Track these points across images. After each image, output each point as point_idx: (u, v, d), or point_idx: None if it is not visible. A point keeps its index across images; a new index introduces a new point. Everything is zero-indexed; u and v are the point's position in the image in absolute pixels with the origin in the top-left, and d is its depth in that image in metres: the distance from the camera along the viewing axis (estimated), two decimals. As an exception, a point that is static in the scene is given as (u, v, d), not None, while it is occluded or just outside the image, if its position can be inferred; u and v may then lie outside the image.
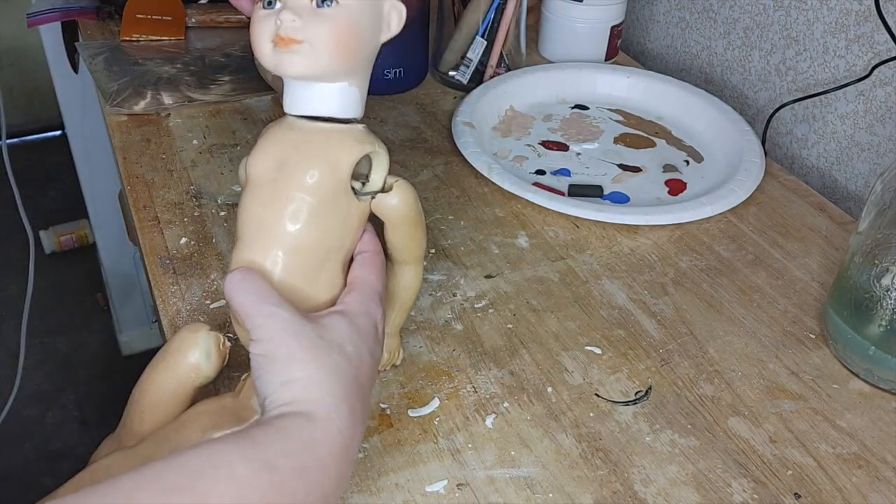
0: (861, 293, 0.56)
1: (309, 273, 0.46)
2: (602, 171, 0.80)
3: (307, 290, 0.46)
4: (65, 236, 2.04)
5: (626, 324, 0.62)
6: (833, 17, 0.79)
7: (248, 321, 0.42)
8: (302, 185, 0.45)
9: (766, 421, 0.55)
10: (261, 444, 0.38)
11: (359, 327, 0.45)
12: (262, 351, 0.42)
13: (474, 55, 0.89)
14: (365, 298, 0.47)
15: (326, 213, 0.46)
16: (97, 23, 1.01)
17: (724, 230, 0.72)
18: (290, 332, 0.42)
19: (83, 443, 1.64)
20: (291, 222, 0.45)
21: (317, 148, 0.46)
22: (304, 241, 0.46)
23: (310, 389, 0.40)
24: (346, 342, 0.43)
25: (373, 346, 0.45)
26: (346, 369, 0.42)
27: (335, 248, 0.47)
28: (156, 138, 0.81)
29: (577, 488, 0.50)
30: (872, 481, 0.51)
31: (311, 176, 0.45)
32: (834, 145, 0.82)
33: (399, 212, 0.49)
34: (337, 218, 0.46)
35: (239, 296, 0.43)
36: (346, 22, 0.45)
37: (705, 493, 0.50)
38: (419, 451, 0.52)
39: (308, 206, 0.45)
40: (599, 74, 0.91)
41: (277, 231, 0.45)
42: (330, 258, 0.47)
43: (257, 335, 0.42)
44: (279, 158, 0.46)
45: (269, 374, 0.41)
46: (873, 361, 0.57)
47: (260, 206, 0.46)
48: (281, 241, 0.45)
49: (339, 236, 0.47)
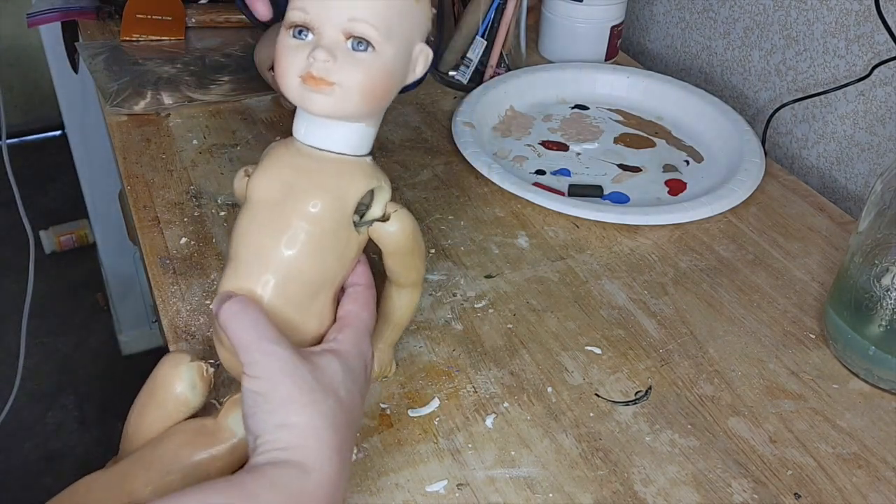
0: (861, 293, 0.56)
1: (301, 303, 0.46)
2: (602, 171, 0.80)
3: (297, 319, 0.46)
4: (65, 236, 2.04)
5: (626, 324, 0.62)
6: (833, 17, 0.79)
7: (245, 356, 0.42)
8: (304, 214, 0.45)
9: (766, 421, 0.55)
10: (252, 494, 0.37)
11: (351, 369, 0.44)
12: (258, 388, 0.41)
13: (474, 55, 0.89)
14: (357, 338, 0.46)
15: (326, 244, 0.45)
16: (97, 23, 1.01)
17: (724, 230, 0.72)
18: (288, 373, 0.41)
19: (83, 443, 1.65)
20: (289, 250, 0.45)
21: (324, 178, 0.45)
22: (300, 270, 0.45)
23: (306, 437, 0.40)
24: (340, 386, 0.43)
25: (363, 387, 0.45)
26: (340, 416, 0.42)
27: (329, 280, 0.46)
28: (156, 138, 0.81)
29: (577, 488, 0.50)
30: (872, 481, 0.51)
31: (315, 206, 0.45)
32: (834, 145, 0.82)
33: (396, 240, 0.48)
34: (335, 250, 0.46)
35: (237, 330, 0.42)
36: (380, 70, 0.44)
37: (705, 493, 0.50)
38: (419, 451, 0.52)
39: (308, 236, 0.45)
40: (599, 74, 0.91)
41: (274, 258, 0.45)
42: (323, 290, 0.46)
43: (254, 372, 0.41)
44: (284, 183, 0.45)
45: (265, 413, 0.41)
46: (873, 361, 0.57)
47: (259, 230, 0.45)
48: (276, 268, 0.45)
49: (335, 269, 0.46)
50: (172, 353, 0.50)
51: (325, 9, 0.43)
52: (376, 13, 0.43)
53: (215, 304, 0.44)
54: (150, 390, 0.49)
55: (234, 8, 0.98)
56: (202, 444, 0.47)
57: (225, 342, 0.45)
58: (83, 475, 0.48)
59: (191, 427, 0.48)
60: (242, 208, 0.47)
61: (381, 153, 0.80)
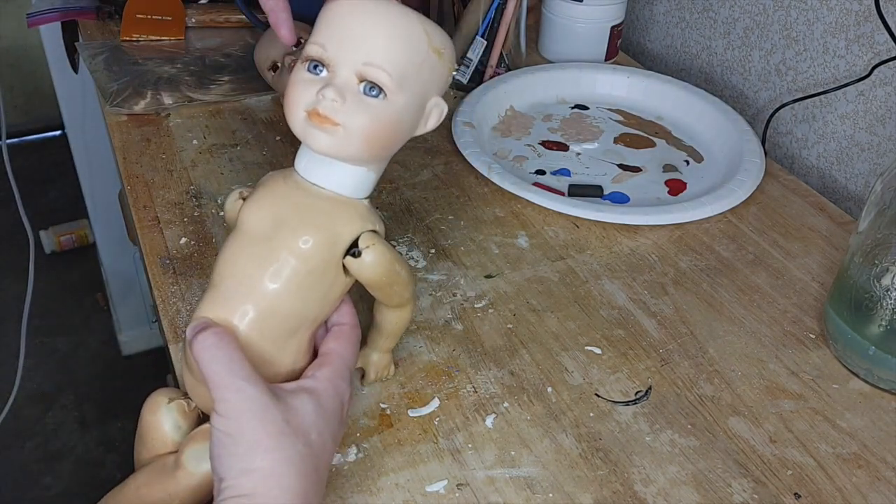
0: (861, 293, 0.56)
1: (278, 338, 0.45)
2: (602, 171, 0.80)
3: (272, 353, 0.45)
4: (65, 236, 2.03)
5: (626, 324, 0.62)
6: (833, 17, 0.79)
7: (216, 393, 0.41)
8: (294, 250, 0.44)
9: (766, 421, 0.55)
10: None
11: (325, 410, 0.44)
12: (225, 429, 0.41)
13: (474, 55, 0.89)
14: (335, 376, 0.46)
15: (311, 282, 0.45)
16: (97, 23, 1.01)
17: (724, 230, 0.72)
18: (258, 415, 0.41)
19: (83, 443, 1.65)
20: (273, 283, 0.44)
21: (319, 216, 0.45)
22: (282, 305, 0.45)
23: (269, 484, 0.40)
24: (312, 429, 0.42)
25: (336, 430, 0.45)
26: (308, 461, 0.41)
27: (310, 318, 0.46)
28: (156, 138, 0.81)
29: (577, 488, 0.50)
30: (872, 481, 0.51)
31: (306, 242, 0.44)
32: (834, 145, 0.82)
33: (369, 275, 0.47)
34: (320, 289, 0.46)
35: (210, 364, 0.41)
36: (388, 118, 0.44)
37: (705, 493, 0.50)
38: (419, 451, 0.52)
39: (293, 272, 0.44)
40: (599, 74, 0.91)
41: (257, 289, 0.44)
42: (303, 327, 0.46)
43: (223, 410, 0.41)
44: (277, 216, 0.45)
45: (231, 456, 0.40)
46: (873, 361, 0.57)
47: (245, 260, 0.45)
48: (257, 300, 0.44)
49: (317, 308, 0.46)
50: (151, 397, 0.49)
51: (343, 49, 0.43)
52: (393, 61, 0.43)
53: (190, 331, 0.43)
54: (140, 437, 0.49)
55: (234, 8, 0.98)
56: (161, 483, 0.46)
57: (195, 371, 0.44)
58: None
59: (154, 466, 0.47)
60: (232, 234, 0.46)
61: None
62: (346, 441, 0.52)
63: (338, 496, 0.49)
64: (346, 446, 0.52)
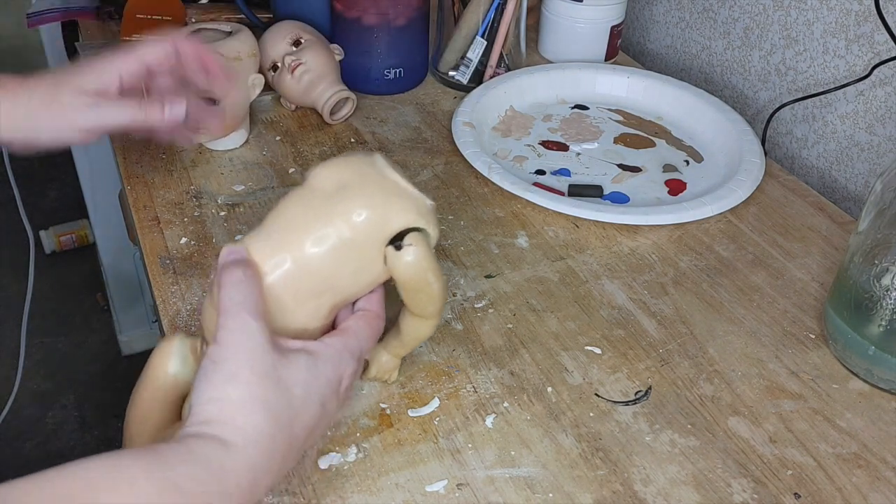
0: (861, 293, 0.56)
1: (301, 295, 0.46)
2: (602, 171, 0.80)
3: (290, 308, 0.46)
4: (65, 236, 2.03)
5: (626, 324, 0.62)
6: (833, 17, 0.79)
7: (222, 319, 0.42)
8: (346, 218, 0.45)
9: (765, 421, 0.55)
10: (167, 463, 0.36)
11: (319, 373, 0.43)
12: (215, 356, 0.41)
13: (474, 55, 0.89)
14: (343, 349, 0.45)
15: (351, 254, 0.46)
16: (97, 23, 1.01)
17: (724, 230, 0.72)
18: (249, 351, 0.41)
19: (83, 443, 1.64)
20: (315, 244, 0.45)
21: (380, 195, 0.46)
22: (316, 266, 0.45)
23: (235, 414, 0.39)
24: (298, 384, 0.42)
25: (327, 397, 0.44)
26: (283, 411, 0.41)
27: (338, 288, 0.47)
28: (156, 138, 0.81)
29: (577, 488, 0.50)
30: (872, 481, 0.51)
31: (359, 215, 0.45)
32: (834, 145, 0.82)
33: (403, 273, 0.48)
34: (356, 264, 0.46)
35: (228, 292, 0.42)
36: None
37: (705, 493, 0.50)
38: (419, 451, 0.52)
39: (338, 238, 0.45)
40: (599, 74, 0.91)
41: (299, 244, 0.45)
42: (327, 294, 0.46)
43: (220, 337, 0.41)
44: (343, 181, 0.46)
45: (208, 382, 0.40)
46: (873, 361, 0.57)
47: (299, 213, 0.46)
48: (295, 254, 0.45)
49: (348, 280, 0.47)
50: (166, 336, 0.50)
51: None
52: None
53: (225, 254, 0.44)
54: (145, 369, 0.49)
55: (234, 8, 0.99)
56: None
57: (215, 297, 0.45)
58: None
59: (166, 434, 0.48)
60: (298, 187, 0.48)
61: (381, 153, 0.80)
62: (345, 441, 0.52)
63: (338, 496, 0.49)
64: (346, 446, 0.52)
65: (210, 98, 0.72)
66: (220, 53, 0.72)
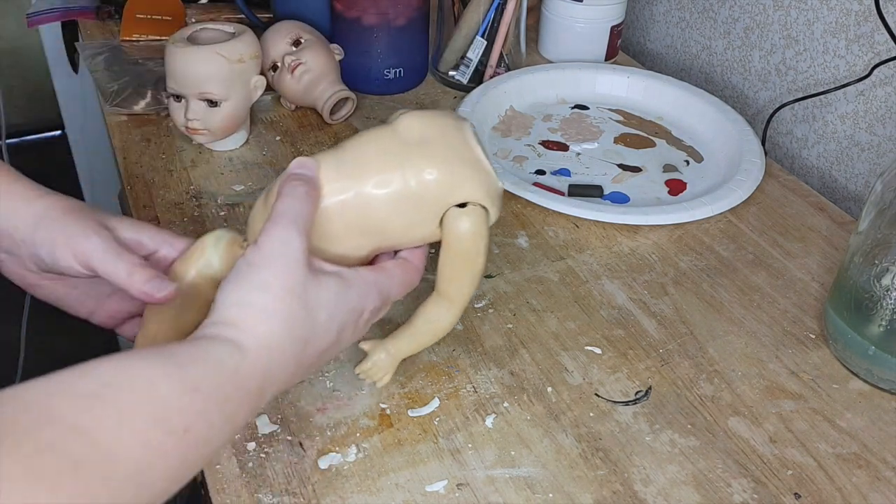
0: (861, 293, 0.56)
1: (350, 228, 0.47)
2: (602, 171, 0.80)
3: (336, 235, 0.47)
4: (65, 236, 2.03)
5: (626, 324, 0.62)
6: (833, 17, 0.79)
7: (267, 226, 0.43)
8: (417, 172, 0.46)
9: (766, 421, 0.55)
10: (182, 364, 0.36)
11: (345, 300, 0.44)
12: (250, 259, 0.42)
13: (474, 55, 0.89)
14: (374, 284, 0.46)
15: (410, 207, 0.47)
16: (97, 23, 1.01)
17: (724, 230, 0.72)
18: (284, 263, 0.41)
19: (83, 443, 1.64)
20: (381, 186, 0.46)
21: (456, 162, 0.47)
22: (375, 207, 0.46)
23: (254, 321, 0.40)
24: (322, 307, 0.43)
25: (346, 325, 0.45)
26: (302, 329, 0.41)
27: (386, 234, 0.47)
28: (156, 138, 0.81)
29: (577, 488, 0.50)
30: (872, 481, 0.51)
31: (430, 173, 0.46)
32: (834, 145, 0.82)
33: (456, 234, 0.48)
34: (411, 218, 0.47)
35: (283, 202, 0.44)
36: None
37: (705, 493, 0.50)
38: (419, 451, 0.52)
39: (403, 187, 0.46)
40: (599, 74, 0.91)
41: (366, 178, 0.46)
42: (375, 236, 0.47)
43: (261, 242, 0.42)
44: (425, 137, 0.47)
45: (237, 285, 0.41)
46: (873, 361, 0.57)
47: (377, 150, 0.47)
48: (359, 190, 0.46)
49: (398, 230, 0.48)
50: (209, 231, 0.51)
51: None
52: None
53: (296, 165, 0.45)
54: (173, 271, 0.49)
55: (234, 7, 0.98)
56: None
57: (269, 201, 0.45)
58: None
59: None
60: (383, 125, 0.48)
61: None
62: (345, 441, 0.52)
63: (338, 496, 0.49)
64: (346, 446, 0.52)
65: (209, 99, 0.72)
66: (222, 55, 0.72)
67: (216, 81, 0.72)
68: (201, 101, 0.73)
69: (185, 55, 0.72)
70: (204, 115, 0.73)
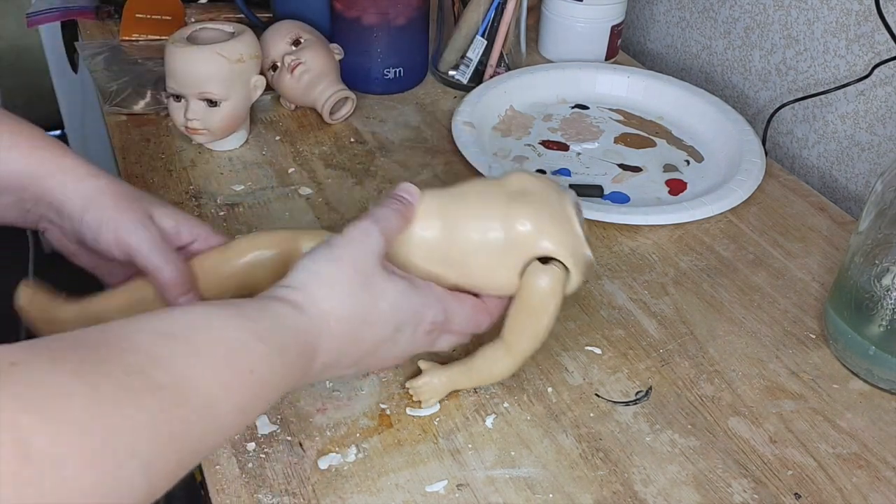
0: (861, 293, 0.56)
1: (432, 258, 0.49)
2: (602, 171, 0.80)
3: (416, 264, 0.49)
4: (65, 236, 2.03)
5: (626, 324, 0.62)
6: (833, 16, 0.79)
7: (359, 219, 0.47)
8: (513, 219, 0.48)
9: (766, 421, 0.55)
10: (249, 317, 0.40)
11: (409, 302, 0.46)
12: (331, 241, 0.45)
13: (474, 55, 0.89)
14: (442, 299, 0.48)
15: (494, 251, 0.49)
16: (97, 23, 1.01)
17: (724, 230, 0.72)
18: (361, 251, 0.45)
19: (83, 443, 1.64)
20: (472, 225, 0.49)
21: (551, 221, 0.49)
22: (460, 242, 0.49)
23: (316, 285, 0.43)
24: (386, 299, 0.45)
25: (404, 324, 0.46)
26: (360, 308, 0.44)
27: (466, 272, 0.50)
28: (155, 138, 0.81)
29: (577, 488, 0.50)
30: (872, 481, 0.51)
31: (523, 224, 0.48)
32: (834, 145, 0.82)
33: (529, 289, 0.50)
34: (494, 261, 0.49)
35: (383, 209, 0.47)
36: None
37: (705, 493, 0.50)
38: (419, 451, 0.52)
39: (493, 233, 0.49)
40: (599, 74, 0.91)
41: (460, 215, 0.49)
42: (454, 271, 0.49)
43: (346, 231, 0.46)
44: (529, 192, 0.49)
45: (311, 257, 0.45)
46: (873, 361, 0.57)
47: (478, 192, 0.50)
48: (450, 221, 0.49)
49: (478, 272, 0.50)
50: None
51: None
52: None
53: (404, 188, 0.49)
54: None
55: (234, 7, 0.98)
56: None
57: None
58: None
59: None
60: (494, 178, 0.51)
61: (381, 153, 0.80)
62: (345, 441, 0.52)
63: (338, 496, 0.49)
64: (345, 446, 0.52)
65: (209, 99, 0.72)
66: (222, 55, 0.72)
67: (216, 81, 0.72)
68: (201, 100, 0.73)
69: (184, 55, 0.72)
70: (204, 114, 0.73)
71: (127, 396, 0.33)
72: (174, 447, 0.34)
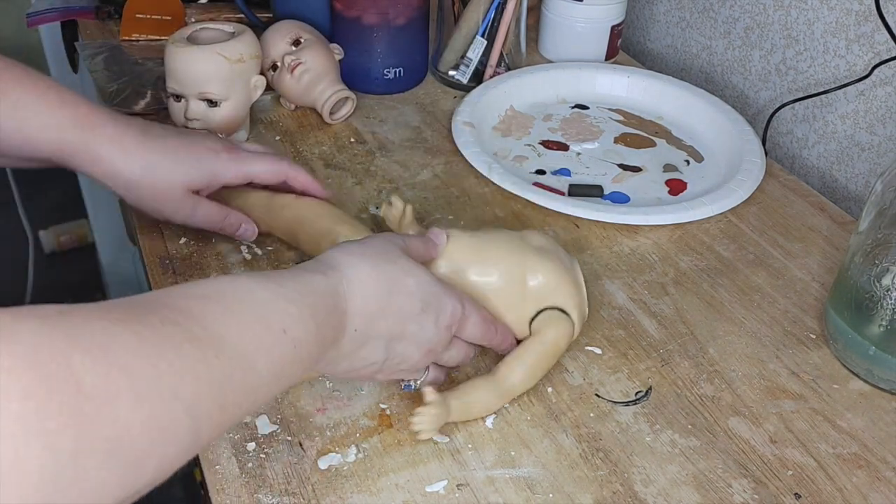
0: (861, 293, 0.56)
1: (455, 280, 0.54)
2: (602, 171, 0.80)
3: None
4: (64, 236, 2.03)
5: (626, 324, 0.62)
6: (833, 16, 0.79)
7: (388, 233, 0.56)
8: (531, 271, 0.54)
9: (766, 421, 0.55)
10: (280, 282, 0.43)
11: (433, 283, 0.49)
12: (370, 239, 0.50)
13: (474, 55, 0.89)
14: (461, 300, 0.51)
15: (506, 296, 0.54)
16: (97, 22, 1.01)
17: (724, 230, 0.72)
18: (385, 241, 0.50)
19: (83, 443, 1.64)
20: (491, 274, 0.54)
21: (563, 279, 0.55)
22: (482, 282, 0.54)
23: (347, 259, 0.47)
24: (412, 276, 0.48)
25: (429, 304, 0.49)
26: (386, 278, 0.47)
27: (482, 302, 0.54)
28: (155, 138, 0.80)
29: (577, 488, 0.50)
30: (872, 481, 0.51)
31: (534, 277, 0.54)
32: (834, 145, 0.82)
33: (540, 335, 0.54)
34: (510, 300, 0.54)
35: (412, 238, 0.52)
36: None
37: (705, 493, 0.50)
38: (419, 452, 0.52)
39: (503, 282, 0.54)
40: (599, 74, 0.91)
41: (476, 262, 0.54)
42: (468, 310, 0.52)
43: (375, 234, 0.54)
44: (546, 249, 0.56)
45: (343, 242, 0.50)
46: (873, 361, 0.57)
47: (499, 243, 0.55)
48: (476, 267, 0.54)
49: (492, 302, 0.54)
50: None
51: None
52: None
53: (435, 233, 0.54)
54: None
55: (234, 7, 0.98)
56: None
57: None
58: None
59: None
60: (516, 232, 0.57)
61: (381, 153, 0.80)
62: (345, 441, 0.52)
63: (338, 496, 0.49)
64: (345, 447, 0.52)
65: (209, 99, 0.72)
66: (222, 55, 0.72)
67: (216, 81, 0.72)
68: (201, 100, 0.73)
69: (184, 55, 0.72)
70: (204, 114, 0.73)
71: (167, 343, 0.35)
72: (213, 394, 0.36)
